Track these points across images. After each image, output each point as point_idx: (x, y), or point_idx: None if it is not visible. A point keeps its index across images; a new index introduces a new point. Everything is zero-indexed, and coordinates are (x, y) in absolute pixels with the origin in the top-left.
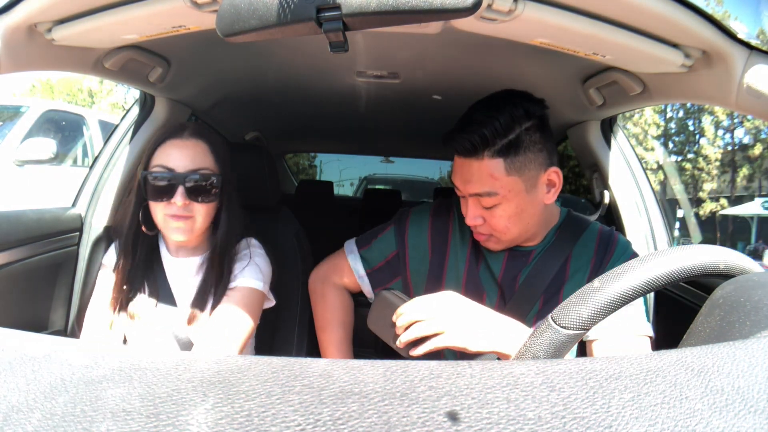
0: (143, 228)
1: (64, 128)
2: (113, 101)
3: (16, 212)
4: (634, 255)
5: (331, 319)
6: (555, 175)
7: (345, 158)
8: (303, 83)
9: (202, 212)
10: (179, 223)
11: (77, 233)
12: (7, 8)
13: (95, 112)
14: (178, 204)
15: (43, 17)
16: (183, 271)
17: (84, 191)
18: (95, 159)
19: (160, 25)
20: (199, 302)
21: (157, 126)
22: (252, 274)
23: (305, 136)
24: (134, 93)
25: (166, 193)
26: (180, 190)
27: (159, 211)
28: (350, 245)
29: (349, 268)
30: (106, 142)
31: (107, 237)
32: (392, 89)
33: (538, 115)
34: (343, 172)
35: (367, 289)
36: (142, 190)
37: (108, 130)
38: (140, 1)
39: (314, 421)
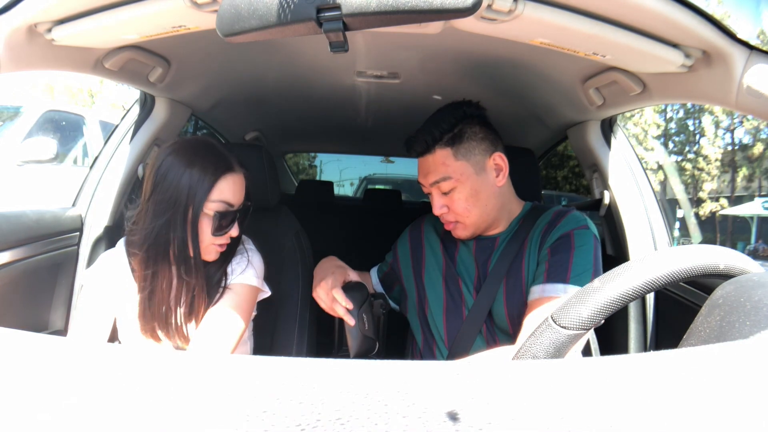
0: (191, 252)
1: (64, 128)
2: (113, 101)
3: (16, 212)
4: (586, 226)
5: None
6: (500, 159)
7: (345, 158)
8: (303, 83)
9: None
10: (222, 249)
11: (77, 233)
12: (7, 8)
13: (95, 112)
14: (234, 235)
15: (43, 17)
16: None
17: (84, 191)
18: (95, 159)
19: (160, 25)
20: (195, 299)
21: (158, 126)
22: (249, 271)
23: (305, 136)
24: (131, 95)
25: (226, 226)
26: (236, 223)
27: (208, 239)
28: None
29: (369, 276)
30: (106, 142)
31: (107, 237)
32: (392, 89)
33: (475, 114)
34: (343, 172)
35: (378, 286)
36: (211, 222)
37: (108, 130)
38: (140, 1)
39: (314, 421)
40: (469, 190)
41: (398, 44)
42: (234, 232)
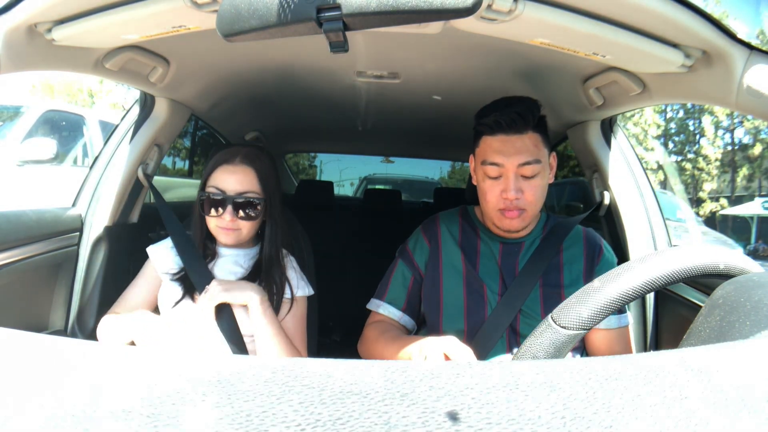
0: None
1: (64, 128)
2: (113, 102)
3: (16, 212)
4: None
5: (380, 335)
6: (554, 159)
7: (345, 158)
8: (303, 83)
9: (247, 226)
10: (228, 233)
11: (77, 233)
12: (7, 8)
13: (95, 112)
14: (227, 219)
15: (43, 17)
16: (227, 260)
17: (84, 191)
18: (95, 159)
19: (160, 25)
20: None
21: (158, 126)
22: (304, 283)
23: (305, 136)
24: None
25: (217, 209)
26: (229, 208)
27: (212, 222)
28: (372, 303)
29: (384, 316)
30: (106, 142)
31: (107, 237)
32: (392, 89)
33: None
34: (343, 172)
35: (411, 326)
36: (200, 207)
37: (108, 130)
38: (140, 1)
39: (314, 421)
40: (544, 182)
41: (398, 44)
42: (227, 216)
